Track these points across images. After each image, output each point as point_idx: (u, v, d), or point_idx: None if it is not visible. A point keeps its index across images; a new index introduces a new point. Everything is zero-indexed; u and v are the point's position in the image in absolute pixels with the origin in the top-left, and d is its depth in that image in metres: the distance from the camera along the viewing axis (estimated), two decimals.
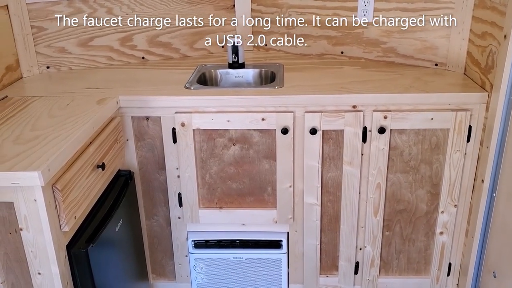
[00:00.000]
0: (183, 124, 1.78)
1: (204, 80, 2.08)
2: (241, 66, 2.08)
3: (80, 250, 1.37)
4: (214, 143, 1.83)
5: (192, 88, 1.84)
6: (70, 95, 1.79)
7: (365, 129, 1.76)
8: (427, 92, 1.71)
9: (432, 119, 1.72)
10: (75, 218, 1.37)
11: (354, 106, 1.73)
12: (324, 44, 2.19)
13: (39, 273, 1.32)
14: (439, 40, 1.94)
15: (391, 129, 1.75)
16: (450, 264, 1.94)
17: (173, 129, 1.81)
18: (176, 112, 1.78)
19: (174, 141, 1.82)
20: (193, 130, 1.80)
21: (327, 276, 2.00)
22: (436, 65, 1.98)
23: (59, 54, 2.10)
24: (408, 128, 1.74)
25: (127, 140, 1.84)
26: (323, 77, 1.92)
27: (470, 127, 1.73)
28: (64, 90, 1.85)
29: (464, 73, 1.90)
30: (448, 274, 1.96)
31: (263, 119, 1.75)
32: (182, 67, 2.14)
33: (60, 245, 1.32)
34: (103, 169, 1.54)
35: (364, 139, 1.77)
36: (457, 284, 1.97)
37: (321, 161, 1.80)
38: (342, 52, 2.17)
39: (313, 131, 1.74)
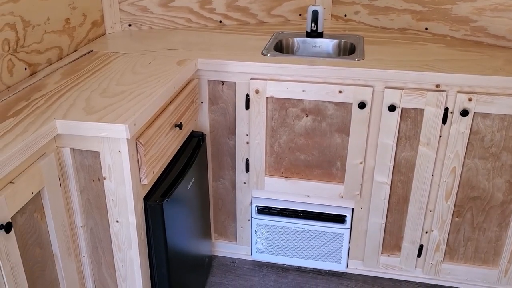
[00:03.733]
0: (257, 91, 1.78)
1: (281, 48, 2.06)
2: (319, 35, 2.04)
3: (156, 203, 1.43)
4: (286, 113, 1.82)
5: (268, 55, 1.83)
6: (151, 54, 1.83)
7: (446, 110, 1.68)
8: None
9: None
10: (153, 173, 1.42)
11: (437, 86, 1.66)
12: (408, 19, 2.09)
13: (117, 221, 1.39)
14: None
15: (474, 112, 1.66)
16: None
17: (247, 95, 1.81)
18: (251, 79, 1.78)
19: (247, 107, 1.83)
20: (267, 97, 1.79)
21: (389, 256, 1.98)
22: None
23: (141, 13, 2.15)
24: (493, 112, 1.65)
25: (202, 102, 1.87)
26: (406, 52, 1.84)
27: None
28: (145, 49, 1.89)
29: None
30: None
31: (340, 92, 1.72)
32: (259, 33, 2.13)
33: (138, 196, 1.38)
34: (180, 128, 1.57)
35: (444, 121, 1.70)
36: None
37: (396, 140, 1.75)
38: (426, 28, 2.07)
39: (392, 108, 1.69)
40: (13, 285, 1.12)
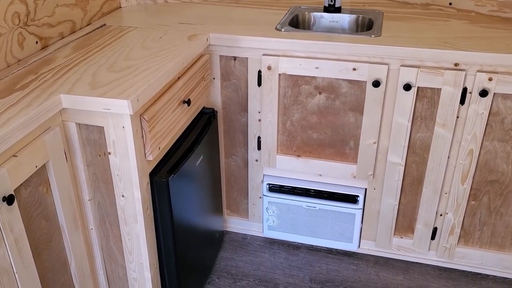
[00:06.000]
0: (269, 67, 1.75)
1: (297, 23, 2.00)
2: (337, 10, 1.97)
3: (161, 179, 1.43)
4: (299, 90, 1.78)
5: (282, 30, 1.78)
6: (163, 28, 1.81)
7: (464, 90, 1.61)
8: None
9: None
10: (159, 149, 1.42)
11: (456, 64, 1.59)
12: None
13: (122, 196, 1.40)
14: None
15: (494, 93, 1.59)
16: None
17: (259, 71, 1.78)
18: (263, 55, 1.74)
19: (259, 84, 1.80)
20: (279, 74, 1.76)
21: (401, 237, 1.94)
22: None
23: None
24: None
25: (214, 78, 1.85)
26: (426, 29, 1.76)
27: None
28: (159, 23, 1.87)
29: None
30: None
31: (354, 69, 1.67)
32: (276, 7, 2.08)
33: (143, 172, 1.39)
34: (188, 105, 1.56)
35: (462, 101, 1.63)
36: None
37: (411, 120, 1.69)
38: (450, 4, 1.97)
39: (407, 87, 1.63)
40: (17, 256, 1.15)
